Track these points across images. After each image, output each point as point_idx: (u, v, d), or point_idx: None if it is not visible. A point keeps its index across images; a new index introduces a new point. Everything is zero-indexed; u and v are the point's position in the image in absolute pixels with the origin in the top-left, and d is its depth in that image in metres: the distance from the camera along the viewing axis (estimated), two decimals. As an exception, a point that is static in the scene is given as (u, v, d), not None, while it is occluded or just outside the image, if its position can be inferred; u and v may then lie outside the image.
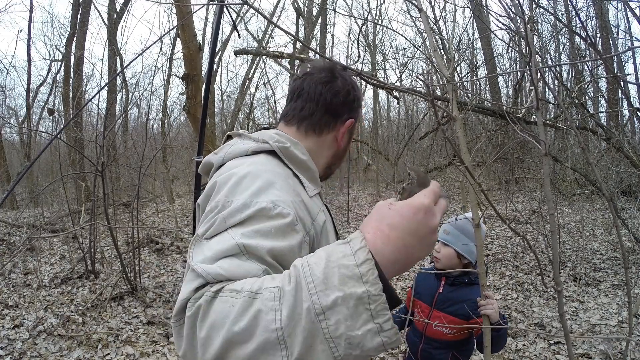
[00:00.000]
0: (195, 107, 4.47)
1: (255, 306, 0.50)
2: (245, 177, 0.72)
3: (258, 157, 0.81)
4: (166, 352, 3.10)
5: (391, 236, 0.55)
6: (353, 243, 0.53)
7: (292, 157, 0.85)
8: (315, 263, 0.52)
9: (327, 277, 0.50)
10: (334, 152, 0.98)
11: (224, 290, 0.54)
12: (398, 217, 0.56)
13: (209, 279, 0.56)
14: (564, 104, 3.18)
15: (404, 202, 0.58)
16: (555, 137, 8.86)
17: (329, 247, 0.55)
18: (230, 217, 0.65)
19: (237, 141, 0.87)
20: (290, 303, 0.49)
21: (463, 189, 7.75)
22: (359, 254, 0.51)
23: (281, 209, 0.67)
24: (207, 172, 0.90)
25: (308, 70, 0.96)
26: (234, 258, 0.60)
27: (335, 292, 0.49)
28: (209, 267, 0.58)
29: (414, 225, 0.56)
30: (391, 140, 15.23)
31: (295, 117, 0.94)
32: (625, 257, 1.71)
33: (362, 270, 0.50)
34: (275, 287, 0.51)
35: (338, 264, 0.51)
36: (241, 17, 13.09)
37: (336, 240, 0.91)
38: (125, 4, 12.05)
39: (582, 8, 9.16)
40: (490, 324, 1.39)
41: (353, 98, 0.95)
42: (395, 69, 15.38)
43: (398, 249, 0.54)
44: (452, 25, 11.87)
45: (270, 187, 0.71)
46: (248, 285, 0.53)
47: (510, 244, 5.86)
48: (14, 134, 12.25)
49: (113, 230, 4.35)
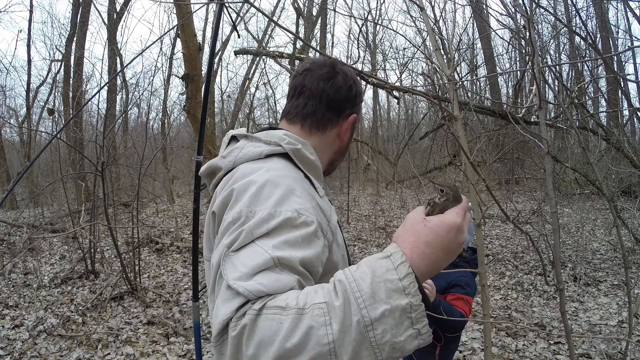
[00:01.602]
0: (195, 107, 4.47)
1: (305, 322, 0.53)
2: (265, 185, 0.71)
3: (272, 161, 0.80)
4: (166, 352, 3.09)
5: (426, 252, 0.60)
6: (394, 258, 0.58)
7: (303, 158, 0.84)
8: (361, 278, 0.56)
9: (374, 292, 0.54)
10: (337, 148, 0.97)
11: (267, 307, 0.55)
12: (433, 235, 0.62)
13: (250, 297, 0.57)
14: (564, 104, 3.16)
15: (438, 219, 0.64)
16: (555, 137, 8.85)
17: (370, 261, 0.59)
18: (257, 228, 0.65)
19: (247, 144, 0.84)
20: (341, 318, 0.53)
21: (463, 189, 7.74)
22: (401, 269, 0.56)
23: (305, 217, 0.69)
24: (212, 176, 0.88)
25: (308, 67, 0.94)
26: (269, 272, 0.60)
27: (383, 305, 0.53)
28: (248, 284, 0.58)
29: (446, 242, 0.62)
30: (391, 140, 15.23)
31: (299, 114, 0.92)
32: (625, 257, 1.71)
33: (404, 284, 0.55)
34: (324, 303, 0.54)
35: (383, 278, 0.55)
36: (241, 17, 13.09)
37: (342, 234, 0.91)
38: (125, 4, 12.06)
39: (582, 8, 9.17)
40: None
41: (355, 93, 0.94)
42: (395, 69, 15.36)
43: (431, 263, 0.61)
44: (452, 25, 11.87)
45: (292, 194, 0.71)
46: (292, 301, 0.55)
47: (510, 244, 5.86)
48: (14, 134, 12.24)
49: (113, 230, 4.35)
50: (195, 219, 1.82)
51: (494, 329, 3.29)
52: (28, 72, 11.46)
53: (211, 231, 0.82)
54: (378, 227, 7.05)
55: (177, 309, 3.88)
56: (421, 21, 2.63)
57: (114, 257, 5.25)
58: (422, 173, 9.97)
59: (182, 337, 3.34)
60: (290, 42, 13.66)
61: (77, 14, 10.63)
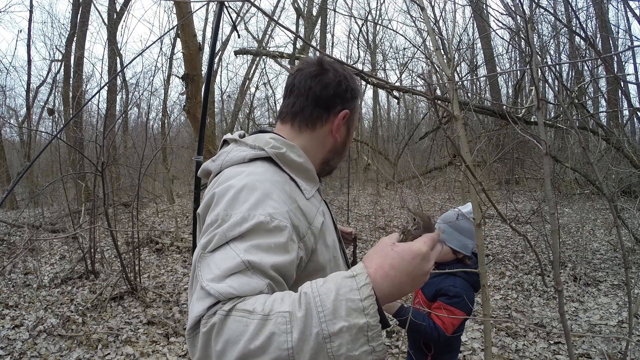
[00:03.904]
0: (195, 107, 4.47)
1: (268, 328, 0.57)
2: (242, 190, 0.74)
3: (254, 165, 0.82)
4: (166, 352, 3.09)
5: (390, 274, 0.64)
6: (359, 278, 0.61)
7: (288, 161, 0.85)
8: (326, 294, 0.59)
9: (335, 308, 0.58)
10: (330, 147, 0.96)
11: (236, 309, 0.60)
12: (398, 260, 0.65)
13: (221, 298, 0.62)
14: (564, 104, 3.16)
15: (406, 245, 0.67)
16: (555, 137, 8.85)
17: (337, 278, 0.62)
18: (230, 230, 0.69)
19: (234, 148, 0.87)
20: (301, 328, 0.57)
21: (463, 189, 7.74)
22: (363, 290, 0.60)
23: (278, 221, 0.71)
24: (207, 177, 0.91)
25: (300, 67, 0.95)
26: (241, 275, 0.64)
27: (342, 321, 0.57)
28: (219, 286, 0.63)
29: (410, 268, 0.65)
30: (391, 140, 15.24)
31: (289, 113, 0.93)
32: (625, 257, 1.71)
33: (365, 304, 0.58)
34: (287, 312, 0.58)
35: (346, 297, 0.59)
36: (241, 17, 13.09)
37: (335, 235, 0.92)
38: (125, 4, 12.05)
39: (582, 8, 9.17)
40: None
41: (345, 88, 0.92)
42: (395, 69, 15.37)
43: (393, 285, 0.64)
44: (452, 25, 11.87)
45: (267, 198, 0.74)
46: (259, 306, 0.60)
47: (510, 244, 5.86)
48: (14, 134, 12.23)
49: (113, 231, 4.35)
50: (195, 219, 1.82)
51: (494, 329, 3.29)
52: (28, 72, 11.47)
53: (198, 231, 0.86)
54: (378, 227, 7.05)
55: (177, 309, 3.88)
56: (421, 21, 2.65)
57: (114, 257, 5.25)
58: (422, 173, 9.98)
59: (182, 337, 3.34)
60: (290, 42, 13.65)
61: (77, 14, 10.63)
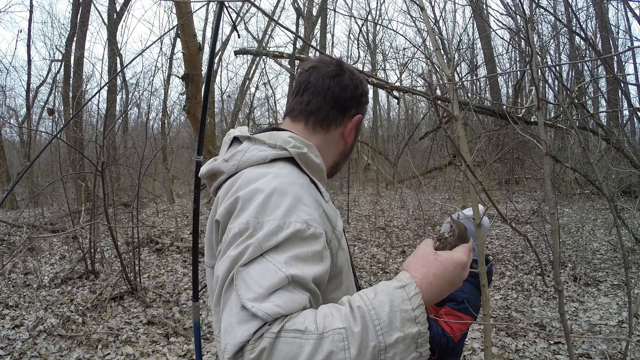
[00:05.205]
0: (195, 107, 4.46)
1: (326, 347, 0.56)
2: (273, 194, 0.68)
3: (277, 166, 0.76)
4: (166, 352, 3.09)
5: (434, 283, 0.68)
6: (409, 289, 0.64)
7: (309, 162, 0.81)
8: (380, 307, 0.61)
9: (391, 320, 0.60)
10: (341, 150, 0.94)
11: (285, 330, 0.57)
12: (442, 270, 0.70)
13: (269, 320, 0.57)
14: (564, 104, 3.17)
15: (448, 255, 0.73)
16: (555, 137, 8.85)
17: (387, 289, 0.64)
18: (265, 241, 0.63)
19: (250, 146, 0.81)
20: (358, 343, 0.58)
21: (463, 189, 7.74)
22: (414, 300, 0.63)
23: (314, 228, 0.68)
24: (212, 178, 0.85)
25: (315, 64, 0.92)
26: (284, 291, 0.60)
27: (397, 332, 0.60)
28: (265, 306, 0.58)
29: (451, 277, 0.71)
30: (391, 140, 15.23)
31: (303, 112, 0.90)
32: (625, 257, 1.71)
33: (416, 313, 0.62)
34: (342, 329, 0.58)
35: (400, 308, 0.62)
36: (241, 17, 13.09)
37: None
38: (125, 4, 12.05)
39: (582, 8, 9.17)
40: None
41: (361, 93, 0.92)
42: (395, 69, 15.37)
43: (436, 293, 0.69)
44: (452, 25, 11.88)
45: (300, 203, 0.69)
46: (311, 324, 0.58)
47: (510, 244, 5.86)
48: (14, 134, 12.22)
49: (113, 230, 4.35)
50: (195, 219, 1.82)
51: (494, 329, 3.29)
52: (28, 72, 11.46)
53: (214, 239, 0.79)
54: (378, 227, 7.05)
55: (177, 309, 3.88)
56: (421, 21, 2.64)
57: (114, 257, 5.25)
58: (422, 173, 9.97)
59: (182, 337, 3.34)
60: (290, 42, 13.67)
61: (77, 14, 10.62)
